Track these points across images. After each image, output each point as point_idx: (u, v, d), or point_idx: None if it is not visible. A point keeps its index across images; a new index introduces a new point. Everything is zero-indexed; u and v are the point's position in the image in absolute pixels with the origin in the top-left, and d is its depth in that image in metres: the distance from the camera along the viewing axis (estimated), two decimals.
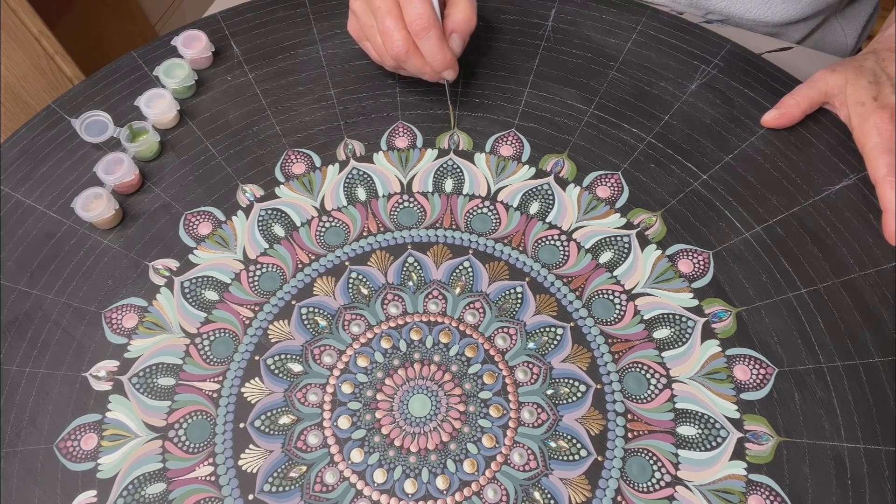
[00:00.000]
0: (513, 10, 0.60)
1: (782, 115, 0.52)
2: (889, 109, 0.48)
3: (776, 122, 0.52)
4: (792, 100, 0.52)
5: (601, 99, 0.55)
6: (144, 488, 0.40)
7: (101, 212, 0.48)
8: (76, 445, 0.42)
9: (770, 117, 0.52)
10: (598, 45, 0.58)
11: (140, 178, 0.51)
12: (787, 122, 0.52)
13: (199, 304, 0.46)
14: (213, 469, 0.41)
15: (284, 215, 0.50)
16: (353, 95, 0.56)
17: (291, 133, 0.54)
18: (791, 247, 0.47)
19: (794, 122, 0.52)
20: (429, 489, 0.40)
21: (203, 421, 0.42)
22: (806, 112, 0.52)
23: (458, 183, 0.51)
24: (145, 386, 0.43)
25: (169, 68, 0.55)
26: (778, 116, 0.52)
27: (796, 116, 0.52)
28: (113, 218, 0.49)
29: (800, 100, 0.52)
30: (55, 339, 0.45)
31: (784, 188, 0.50)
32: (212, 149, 0.53)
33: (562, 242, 0.48)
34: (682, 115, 0.54)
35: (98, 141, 0.52)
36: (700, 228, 0.48)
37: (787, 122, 0.52)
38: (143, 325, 0.46)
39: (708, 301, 0.45)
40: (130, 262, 0.48)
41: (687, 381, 0.43)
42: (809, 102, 0.52)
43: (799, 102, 0.52)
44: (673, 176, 0.51)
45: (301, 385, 0.43)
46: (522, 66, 0.57)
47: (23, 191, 0.51)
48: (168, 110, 0.53)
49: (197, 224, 0.50)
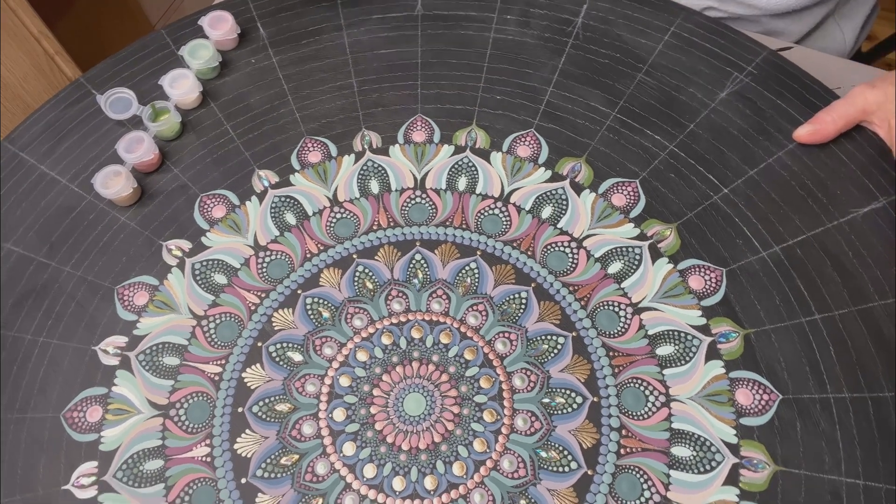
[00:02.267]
0: (543, 4, 0.59)
1: (816, 130, 0.50)
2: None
3: (809, 138, 0.50)
4: (828, 116, 0.50)
5: (626, 102, 0.54)
6: (143, 463, 0.41)
7: (119, 189, 0.49)
8: (82, 417, 0.43)
9: (803, 132, 0.50)
10: (629, 45, 0.57)
11: (160, 158, 0.52)
12: (821, 138, 0.50)
13: (208, 286, 0.47)
14: (209, 451, 0.42)
15: (297, 203, 0.50)
16: (374, 86, 0.55)
17: (310, 120, 0.54)
18: (809, 270, 0.46)
19: (828, 139, 0.50)
20: (416, 488, 0.40)
21: (203, 403, 0.43)
22: (842, 129, 0.50)
23: (471, 181, 0.50)
24: (151, 364, 0.45)
25: (194, 49, 0.55)
26: (812, 132, 0.50)
27: (831, 133, 0.50)
28: (131, 196, 0.50)
29: (836, 116, 0.49)
30: (69, 312, 0.47)
31: (808, 207, 0.48)
32: (231, 132, 0.54)
33: (571, 250, 0.47)
34: (709, 124, 0.52)
35: (122, 118, 0.53)
36: (715, 244, 0.47)
37: (820, 139, 0.50)
38: (153, 303, 0.47)
39: (716, 320, 0.44)
40: (145, 240, 0.49)
41: (686, 401, 0.42)
42: (846, 120, 0.49)
43: (835, 119, 0.49)
44: (693, 188, 0.49)
45: (300, 374, 0.44)
46: (548, 64, 0.56)
47: (47, 163, 0.52)
48: (191, 91, 0.53)
49: (212, 207, 0.50)
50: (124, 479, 0.41)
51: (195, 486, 0.41)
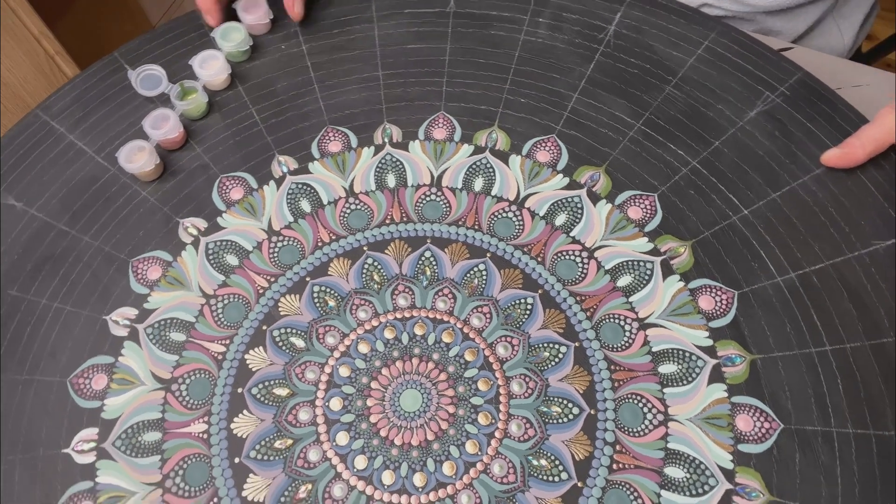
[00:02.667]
0: (576, 9, 0.58)
1: (845, 154, 0.49)
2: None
3: (838, 162, 0.49)
4: (857, 140, 0.48)
5: (652, 115, 0.53)
6: (141, 434, 0.42)
7: (142, 164, 0.50)
8: (87, 383, 0.44)
9: (832, 156, 0.49)
10: (660, 56, 0.56)
11: (184, 136, 0.53)
12: (850, 163, 0.49)
13: (219, 266, 0.48)
14: (206, 427, 0.42)
15: (313, 191, 0.51)
16: (400, 80, 0.55)
17: (333, 110, 0.54)
18: (824, 299, 0.45)
19: (857, 164, 0.49)
20: (405, 483, 0.40)
21: (205, 380, 0.44)
22: (871, 154, 0.48)
23: (488, 183, 0.50)
24: (158, 338, 0.45)
25: (226, 31, 0.56)
26: (841, 156, 0.49)
27: (860, 158, 0.48)
28: (154, 171, 0.51)
29: (865, 141, 0.48)
30: (84, 280, 0.48)
31: (829, 236, 0.47)
32: (255, 116, 0.54)
33: (582, 259, 0.47)
34: (735, 143, 0.51)
35: (151, 94, 0.54)
36: (730, 266, 0.46)
37: (849, 164, 0.49)
38: (165, 278, 0.48)
39: (723, 343, 0.44)
40: (163, 216, 0.50)
41: (684, 422, 0.41)
42: (876, 144, 0.48)
43: (864, 144, 0.48)
44: (712, 206, 0.49)
45: (301, 361, 0.44)
46: (576, 70, 0.55)
47: (76, 133, 0.54)
48: (220, 73, 0.54)
49: (230, 188, 0.51)
50: (122, 448, 0.42)
51: (189, 461, 0.41)
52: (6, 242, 0.49)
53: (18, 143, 0.53)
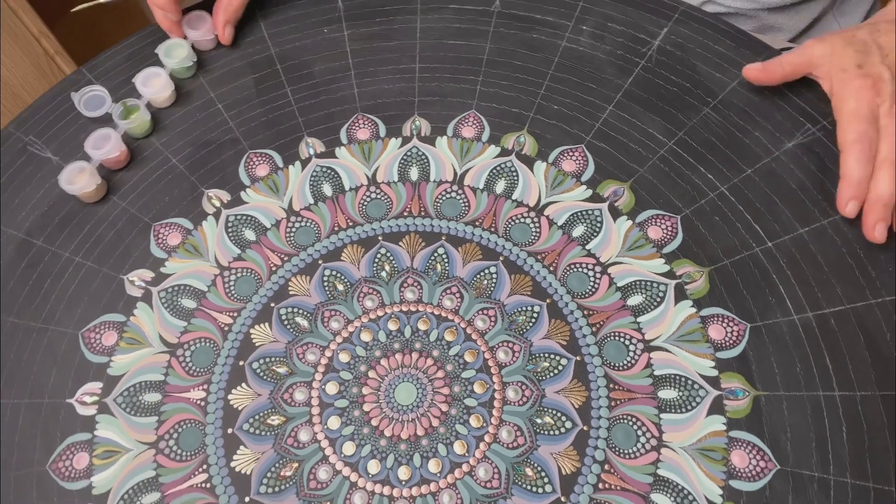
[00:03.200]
0: (621, 20, 0.57)
1: (762, 70, 0.52)
2: (872, 79, 0.47)
3: (756, 77, 0.52)
4: (777, 62, 0.52)
5: (685, 135, 0.52)
6: (142, 394, 0.44)
7: (83, 186, 0.49)
8: (98, 338, 0.45)
9: (751, 70, 0.52)
10: (702, 76, 0.55)
11: (128, 155, 0.52)
12: (766, 79, 0.52)
13: (237, 240, 0.49)
14: (204, 395, 0.43)
15: (336, 176, 0.51)
16: (436, 74, 0.55)
17: (366, 98, 0.55)
18: (840, 343, 0.43)
19: (774, 82, 0.52)
20: (390, 475, 0.41)
21: (209, 349, 0.45)
22: (789, 76, 0.52)
23: (510, 186, 0.50)
24: (170, 302, 0.47)
25: (170, 48, 0.55)
26: (760, 70, 0.52)
27: (778, 76, 0.52)
28: (96, 192, 0.50)
29: (784, 63, 0.51)
30: (107, 238, 0.49)
31: (854, 279, 0.45)
32: (290, 95, 0.55)
33: (595, 273, 0.46)
34: (768, 173, 0.50)
35: (95, 115, 0.53)
36: (746, 297, 0.45)
37: (765, 80, 0.52)
38: (184, 246, 0.49)
39: (728, 375, 0.43)
40: (190, 185, 0.51)
41: (678, 450, 0.41)
42: (793, 68, 0.51)
43: (783, 65, 0.51)
44: (735, 234, 0.48)
45: (304, 342, 0.45)
46: (613, 82, 0.54)
47: (118, 96, 0.55)
48: (163, 90, 0.53)
49: (256, 164, 0.52)
50: (123, 405, 0.43)
51: (184, 426, 0.42)
52: (37, 195, 0.51)
53: (59, 102, 0.55)
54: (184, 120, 0.54)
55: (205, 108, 0.55)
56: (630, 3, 0.58)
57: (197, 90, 0.56)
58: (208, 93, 0.56)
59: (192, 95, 0.56)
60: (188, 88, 0.56)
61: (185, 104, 0.55)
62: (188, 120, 0.54)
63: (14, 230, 0.50)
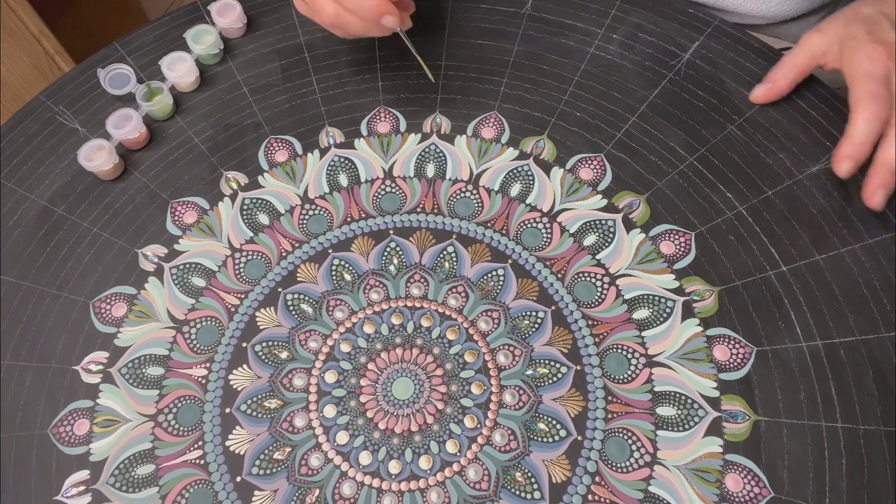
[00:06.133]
0: (653, 31, 0.57)
1: (769, 89, 0.50)
2: (885, 45, 0.44)
3: (766, 96, 0.51)
4: (779, 72, 0.50)
5: (707, 152, 0.51)
6: (146, 367, 0.44)
7: (100, 163, 0.50)
8: (108, 309, 0.46)
9: (759, 92, 0.51)
10: (730, 93, 0.54)
11: (147, 136, 0.53)
12: (777, 95, 0.50)
13: (250, 223, 0.49)
14: (206, 374, 0.44)
15: (353, 168, 0.51)
16: (461, 73, 0.55)
17: (389, 91, 0.55)
18: (848, 374, 0.42)
19: (784, 94, 0.50)
20: (381, 468, 0.41)
21: (214, 328, 0.45)
22: (795, 81, 0.50)
23: (525, 190, 0.50)
24: (181, 279, 0.47)
25: (198, 34, 0.55)
26: (767, 90, 0.50)
27: (785, 88, 0.50)
28: (112, 170, 0.51)
29: (787, 70, 0.50)
30: (125, 212, 0.50)
31: (868, 310, 0.44)
32: (315, 84, 0.55)
33: (603, 284, 0.46)
34: (788, 196, 0.49)
35: (119, 93, 0.54)
36: (755, 320, 0.44)
37: (776, 96, 0.51)
38: (198, 225, 0.49)
39: (729, 397, 0.42)
40: (209, 165, 0.52)
41: (671, 468, 0.40)
42: (798, 70, 0.49)
43: (786, 73, 0.50)
44: (750, 256, 0.47)
45: (307, 329, 0.45)
46: (638, 93, 0.54)
47: (146, 74, 0.56)
48: (188, 75, 0.54)
49: (276, 150, 0.52)
50: (127, 376, 0.44)
51: (184, 401, 0.43)
52: (62, 165, 0.52)
53: (91, 75, 0.56)
54: (209, 101, 0.55)
55: (230, 91, 0.55)
56: (663, 14, 0.58)
57: (224, 73, 0.57)
58: (235, 76, 0.56)
59: (219, 78, 0.56)
60: (216, 70, 0.57)
61: (212, 86, 0.56)
62: (213, 101, 0.55)
63: (37, 197, 0.51)
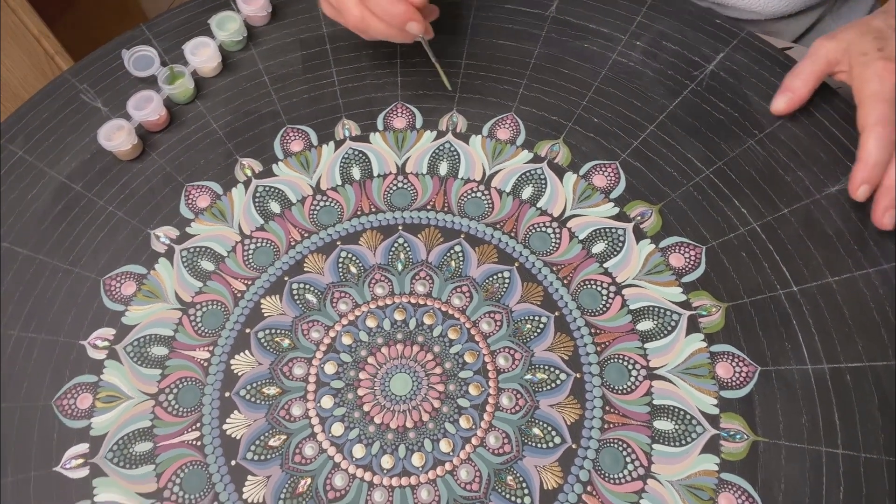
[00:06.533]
0: (677, 40, 0.56)
1: (790, 100, 0.50)
2: (894, 62, 0.45)
3: (788, 108, 0.50)
4: (797, 80, 0.50)
5: (725, 165, 0.50)
6: (151, 347, 0.45)
7: (119, 143, 0.50)
8: (118, 287, 0.47)
9: (780, 104, 0.50)
10: (752, 107, 0.53)
11: (167, 118, 0.53)
12: (798, 104, 0.51)
13: (262, 210, 0.50)
14: (208, 357, 0.45)
15: (367, 162, 0.52)
16: (480, 73, 0.55)
17: (408, 87, 0.55)
18: (852, 400, 0.42)
19: (804, 102, 0.51)
20: (373, 462, 0.41)
21: (219, 312, 0.46)
22: (814, 88, 0.50)
23: (536, 194, 0.50)
24: (190, 263, 0.48)
25: (222, 20, 0.56)
26: (788, 101, 0.50)
27: (805, 96, 0.50)
28: (131, 150, 0.51)
29: (805, 78, 0.50)
30: (141, 192, 0.51)
31: (879, 337, 0.43)
32: (335, 76, 0.56)
33: (609, 292, 0.46)
34: (805, 215, 0.48)
35: (142, 75, 0.54)
36: (761, 340, 0.44)
37: (797, 105, 0.51)
38: (211, 210, 0.50)
39: (729, 415, 0.42)
40: (226, 151, 0.52)
41: (664, 482, 0.40)
42: (815, 77, 0.50)
43: (805, 81, 0.50)
44: (760, 274, 0.46)
45: (310, 319, 0.46)
46: (658, 102, 0.53)
47: (171, 56, 0.57)
48: (210, 60, 0.54)
49: (291, 140, 0.53)
50: (132, 355, 0.45)
51: (185, 383, 0.44)
52: (82, 142, 0.53)
53: (117, 55, 0.57)
54: (230, 87, 0.56)
55: (251, 79, 0.56)
56: (689, 24, 0.57)
57: (246, 60, 0.57)
58: (257, 64, 0.57)
59: (241, 65, 0.57)
60: (238, 57, 0.57)
61: (233, 73, 0.56)
62: (234, 88, 0.56)
63: (56, 173, 0.52)
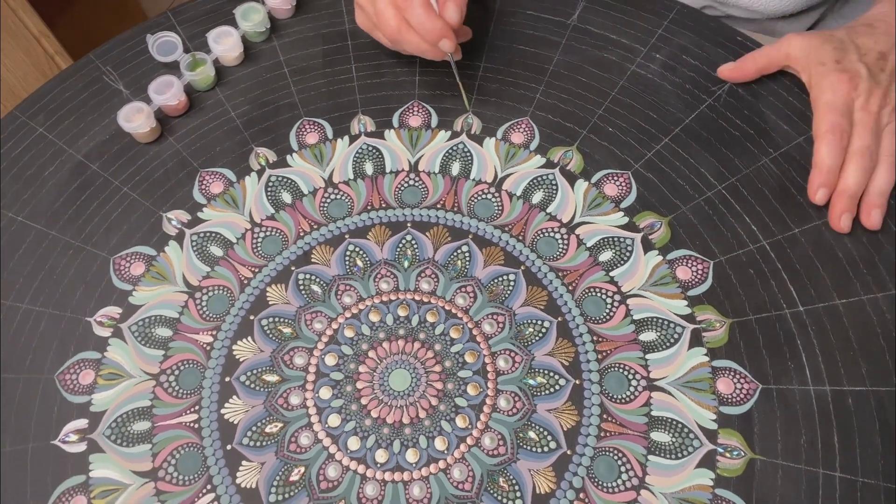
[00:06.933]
0: (697, 55, 0.56)
1: (736, 67, 0.53)
2: (849, 74, 0.48)
3: (730, 74, 0.54)
4: (751, 57, 0.53)
5: (737, 181, 0.50)
6: (155, 327, 0.45)
7: (138, 125, 0.51)
8: (127, 266, 0.48)
9: (725, 69, 0.54)
10: (769, 125, 0.53)
11: (187, 104, 0.54)
12: (740, 75, 0.53)
13: (273, 200, 0.50)
14: (211, 341, 0.45)
15: (380, 157, 0.52)
16: (498, 76, 0.55)
17: (426, 87, 0.55)
18: (853, 423, 0.41)
19: (747, 78, 0.54)
20: (367, 455, 0.41)
21: (224, 297, 0.46)
22: (762, 70, 0.53)
23: (546, 198, 0.50)
24: (200, 248, 0.48)
25: (246, 11, 0.57)
26: (733, 68, 0.53)
27: (751, 70, 0.53)
28: (150, 133, 0.52)
29: (758, 57, 0.52)
30: (155, 176, 0.51)
31: (883, 362, 0.43)
32: (353, 72, 0.56)
33: (613, 301, 0.46)
34: (816, 236, 0.48)
35: (165, 60, 0.55)
36: (764, 357, 0.44)
37: (739, 76, 0.54)
38: (223, 196, 0.50)
39: (727, 432, 0.41)
40: (242, 140, 0.53)
41: (657, 494, 0.40)
42: (768, 60, 0.52)
43: (756, 59, 0.52)
44: (767, 292, 0.46)
45: (314, 309, 0.46)
46: (674, 115, 0.53)
47: (194, 45, 0.57)
48: (232, 49, 0.55)
49: (307, 132, 0.53)
50: (136, 334, 0.45)
51: (186, 365, 0.44)
52: (102, 123, 0.54)
53: (140, 39, 0.58)
54: (250, 77, 0.56)
55: (271, 70, 0.57)
56: (709, 40, 0.57)
57: (268, 51, 0.58)
58: (278, 56, 0.57)
59: (262, 56, 0.57)
60: (260, 48, 0.58)
61: (254, 63, 0.57)
62: (254, 78, 0.56)
63: (74, 151, 0.52)
